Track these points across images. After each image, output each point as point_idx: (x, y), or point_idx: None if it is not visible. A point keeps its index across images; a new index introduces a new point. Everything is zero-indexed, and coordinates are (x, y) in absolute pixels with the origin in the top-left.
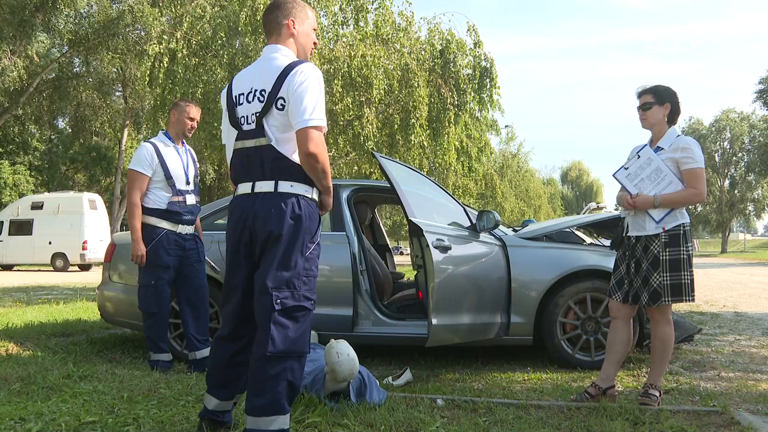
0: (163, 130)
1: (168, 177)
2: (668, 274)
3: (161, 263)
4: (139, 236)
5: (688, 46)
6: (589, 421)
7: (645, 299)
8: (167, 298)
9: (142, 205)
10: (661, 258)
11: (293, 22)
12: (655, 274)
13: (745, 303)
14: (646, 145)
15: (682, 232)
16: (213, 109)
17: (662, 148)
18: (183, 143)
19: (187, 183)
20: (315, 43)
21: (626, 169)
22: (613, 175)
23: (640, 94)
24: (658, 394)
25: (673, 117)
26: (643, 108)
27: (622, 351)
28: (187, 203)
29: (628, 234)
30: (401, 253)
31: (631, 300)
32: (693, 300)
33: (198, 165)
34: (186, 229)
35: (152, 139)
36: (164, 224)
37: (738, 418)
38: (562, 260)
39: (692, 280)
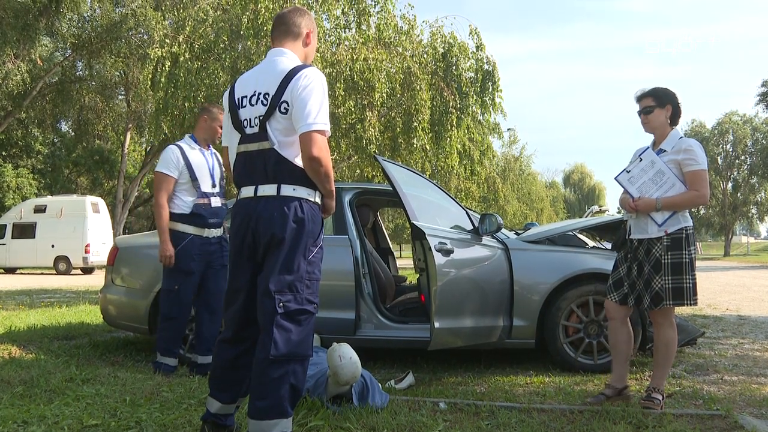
0: (189, 134)
1: (194, 179)
2: (670, 278)
3: (185, 269)
4: (166, 237)
5: (688, 46)
6: (592, 424)
7: (647, 302)
8: (188, 304)
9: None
10: (663, 261)
11: (311, 33)
12: (657, 278)
13: (749, 306)
14: (648, 147)
15: (684, 235)
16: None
17: (665, 150)
18: (209, 146)
19: (213, 185)
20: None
21: (628, 171)
22: (615, 178)
23: (640, 98)
24: (661, 397)
25: (674, 118)
26: (645, 112)
27: (626, 350)
28: (212, 205)
29: (630, 237)
30: None
31: (634, 302)
32: (695, 304)
33: (224, 168)
34: (212, 233)
35: (178, 142)
36: (190, 229)
37: (741, 422)
38: (564, 263)
39: (695, 284)
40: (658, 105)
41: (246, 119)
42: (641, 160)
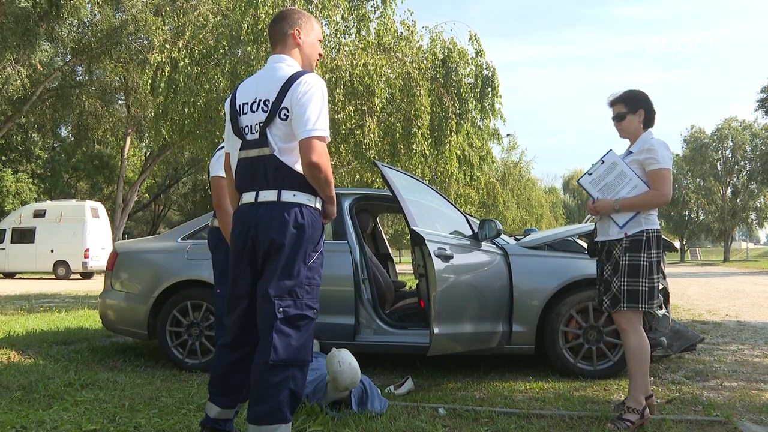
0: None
1: None
2: (626, 279)
3: None
4: None
5: (687, 46)
6: (591, 430)
7: (606, 304)
8: None
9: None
10: (620, 263)
11: (299, 32)
12: (615, 279)
13: (748, 312)
14: (610, 150)
15: (645, 237)
16: (215, 117)
17: (632, 152)
18: None
19: None
20: (320, 54)
21: (590, 174)
22: (578, 182)
23: (612, 104)
24: (634, 418)
25: (648, 121)
26: (617, 119)
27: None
28: None
29: (595, 239)
30: None
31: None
32: (650, 308)
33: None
34: None
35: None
36: None
37: (741, 428)
38: (564, 269)
39: (651, 288)
40: (630, 111)
41: (247, 126)
42: (603, 162)
